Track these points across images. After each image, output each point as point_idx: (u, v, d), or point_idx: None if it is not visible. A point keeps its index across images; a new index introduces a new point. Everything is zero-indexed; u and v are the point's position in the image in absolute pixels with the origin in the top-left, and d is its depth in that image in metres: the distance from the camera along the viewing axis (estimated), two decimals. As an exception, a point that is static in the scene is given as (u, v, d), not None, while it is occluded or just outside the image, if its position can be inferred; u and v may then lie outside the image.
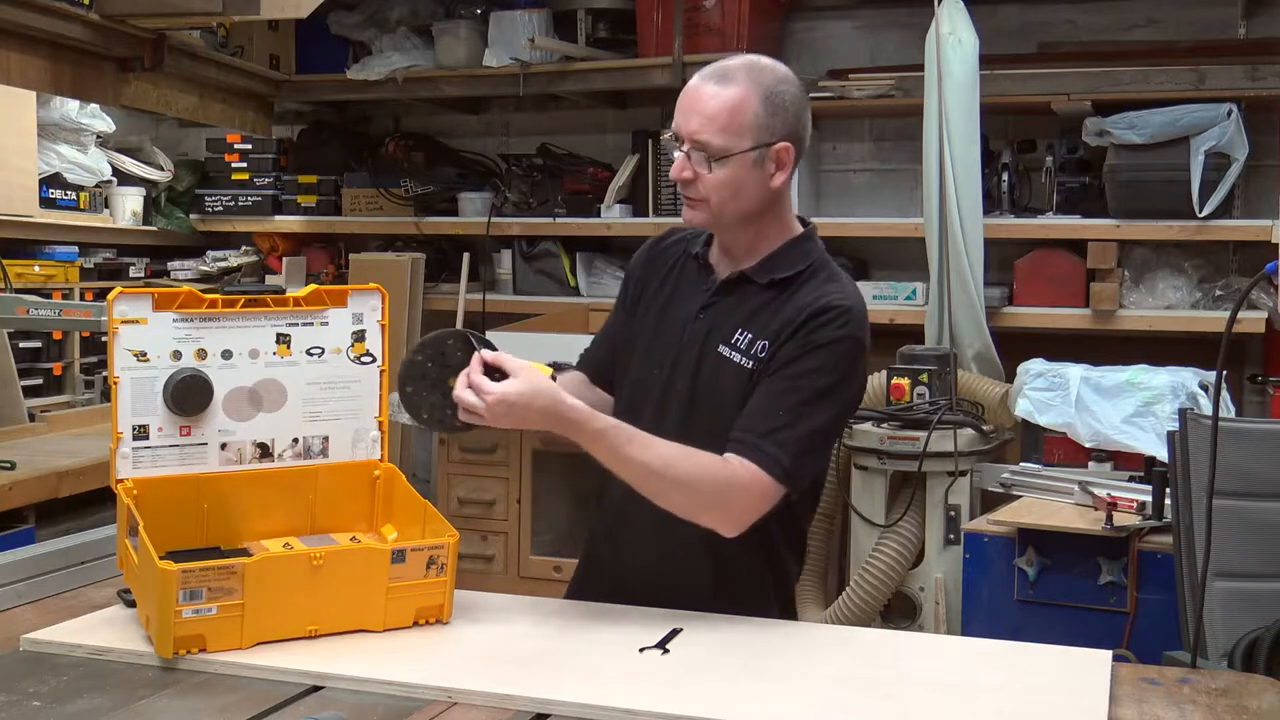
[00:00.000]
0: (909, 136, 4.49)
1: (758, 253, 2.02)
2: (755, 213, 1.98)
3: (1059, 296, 4.23)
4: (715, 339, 1.99)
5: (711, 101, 1.92)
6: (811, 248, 2.05)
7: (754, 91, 1.92)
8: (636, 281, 2.16)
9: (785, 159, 1.96)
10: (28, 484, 3.19)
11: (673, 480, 1.85)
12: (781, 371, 1.91)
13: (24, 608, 1.96)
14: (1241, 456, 2.63)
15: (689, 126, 1.93)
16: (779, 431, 1.87)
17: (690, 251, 2.10)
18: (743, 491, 1.87)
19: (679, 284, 2.09)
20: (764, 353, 1.94)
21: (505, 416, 1.79)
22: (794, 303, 1.95)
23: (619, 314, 2.18)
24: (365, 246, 5.16)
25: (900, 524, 3.66)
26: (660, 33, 4.46)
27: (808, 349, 1.91)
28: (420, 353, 1.88)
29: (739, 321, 1.98)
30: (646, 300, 2.12)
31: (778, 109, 1.94)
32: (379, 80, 4.77)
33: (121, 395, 1.85)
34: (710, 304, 2.02)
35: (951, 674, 1.71)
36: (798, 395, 1.89)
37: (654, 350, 2.06)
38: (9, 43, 3.45)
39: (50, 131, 4.42)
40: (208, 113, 4.52)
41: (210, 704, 1.57)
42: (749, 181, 1.94)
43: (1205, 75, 3.99)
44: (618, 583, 2.06)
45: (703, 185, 1.94)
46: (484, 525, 4.36)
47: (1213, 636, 2.52)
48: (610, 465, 1.87)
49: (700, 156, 1.93)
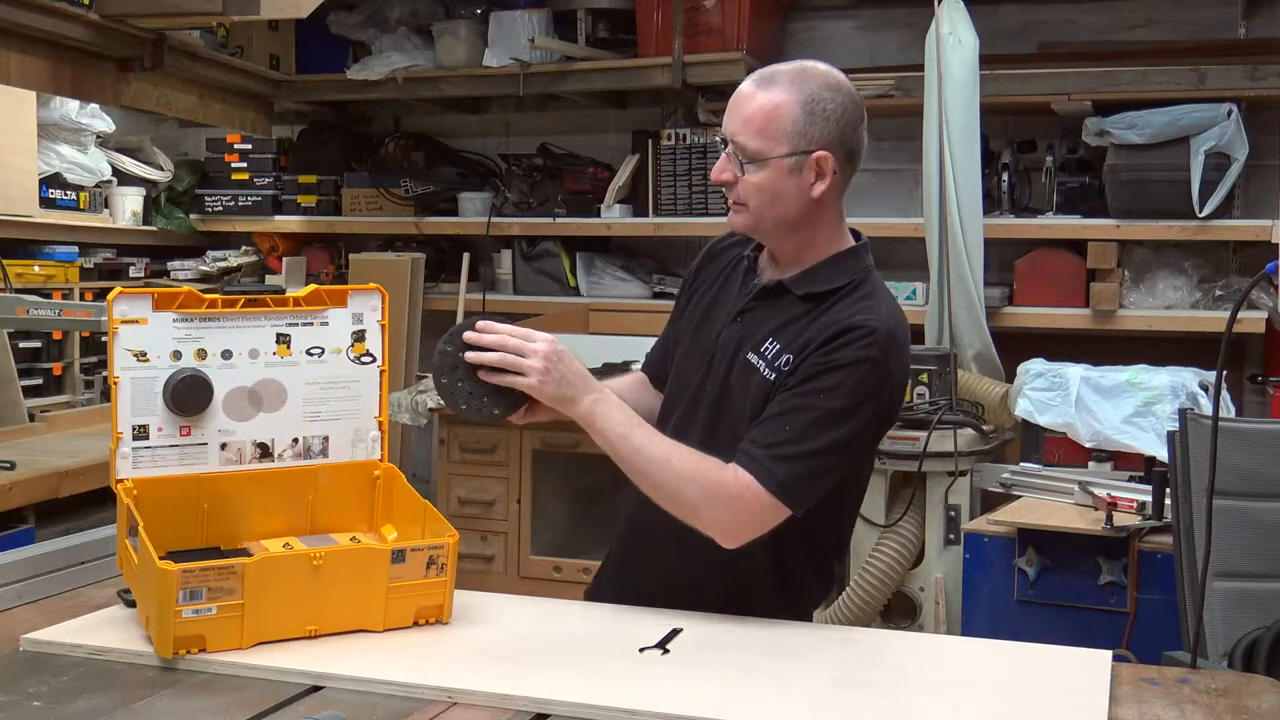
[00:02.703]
0: (909, 136, 4.49)
1: (801, 263, 1.99)
2: (796, 221, 1.95)
3: (1059, 296, 4.23)
4: (747, 345, 1.97)
5: (750, 104, 1.91)
6: (856, 264, 2.01)
7: (794, 98, 1.90)
8: (693, 281, 2.16)
9: (825, 168, 1.92)
10: (28, 484, 3.19)
11: (675, 474, 1.85)
12: (798, 388, 1.88)
13: (24, 608, 1.96)
14: (1241, 456, 2.63)
15: (731, 126, 1.93)
16: (782, 446, 1.84)
17: (744, 253, 2.09)
18: (737, 500, 1.84)
19: (726, 285, 2.08)
20: (787, 366, 1.91)
21: (556, 365, 1.81)
22: (825, 319, 1.92)
23: (676, 314, 2.19)
24: (365, 246, 5.17)
25: (900, 524, 3.66)
26: (660, 33, 4.46)
27: (826, 368, 1.87)
28: (449, 343, 1.87)
29: (771, 330, 1.96)
30: (697, 299, 2.12)
31: (817, 117, 1.90)
32: (379, 80, 4.77)
33: (121, 395, 1.85)
34: (748, 309, 2.01)
35: (951, 674, 1.70)
36: (809, 414, 1.86)
37: (693, 351, 2.06)
38: (9, 43, 3.45)
39: (50, 131, 4.42)
40: (208, 113, 4.52)
41: (210, 704, 1.57)
42: (787, 188, 1.92)
43: (1205, 75, 3.99)
44: (628, 587, 2.06)
45: (741, 188, 1.93)
46: (484, 525, 4.36)
47: (1213, 636, 2.52)
48: (614, 447, 1.87)
49: (740, 159, 1.93)
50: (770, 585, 2.00)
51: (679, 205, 4.62)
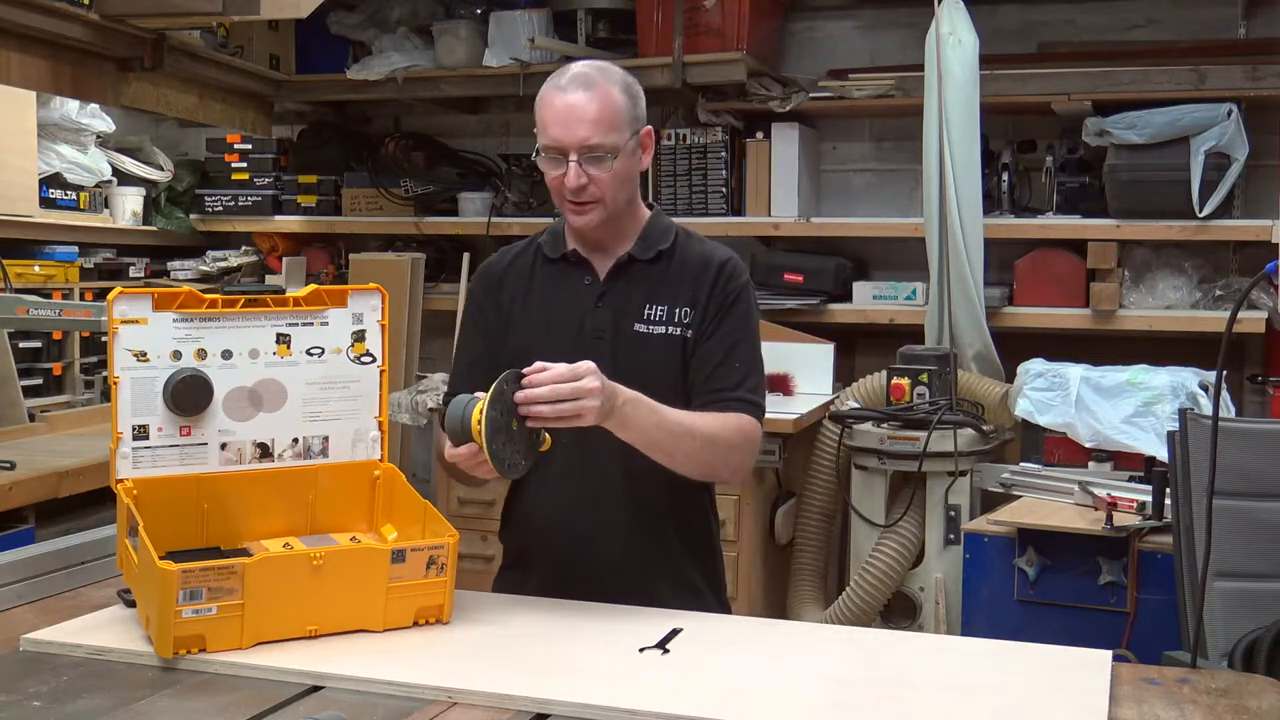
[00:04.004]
0: (909, 136, 4.49)
1: (631, 236, 2.15)
2: (631, 196, 2.14)
3: (1059, 296, 4.24)
4: (626, 321, 2.11)
5: (590, 107, 2.02)
6: (666, 220, 2.21)
7: (615, 89, 2.06)
8: (491, 307, 2.20)
9: (648, 142, 2.13)
10: (28, 484, 3.18)
11: (703, 440, 1.99)
12: (720, 330, 2.09)
13: (24, 608, 1.96)
14: (1241, 456, 2.63)
15: (576, 135, 2.02)
16: (747, 380, 2.08)
17: (543, 257, 2.19)
18: (750, 441, 2.07)
19: (549, 288, 2.17)
20: (688, 319, 2.10)
21: (600, 387, 1.84)
22: (688, 267, 2.13)
23: (482, 342, 2.20)
24: (365, 246, 5.17)
25: (900, 524, 3.66)
26: (660, 33, 4.46)
27: (729, 302, 2.11)
28: (494, 407, 1.80)
29: (643, 299, 2.12)
30: (518, 314, 2.17)
31: (635, 98, 2.10)
32: (379, 80, 4.77)
33: (121, 395, 1.85)
34: (605, 292, 2.13)
35: (951, 674, 1.70)
36: (744, 345, 2.10)
37: (554, 351, 2.04)
38: (9, 43, 3.45)
39: (50, 131, 4.42)
40: (208, 113, 4.52)
41: (210, 704, 1.57)
42: (632, 170, 2.10)
43: (1205, 75, 3.99)
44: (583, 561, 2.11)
45: (597, 187, 2.04)
46: (484, 525, 4.34)
47: (1213, 636, 2.52)
48: (647, 438, 1.94)
49: (592, 160, 2.02)
50: (707, 516, 2.22)
51: (679, 205, 4.62)
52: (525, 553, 2.22)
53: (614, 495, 2.11)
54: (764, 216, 4.55)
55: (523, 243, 2.25)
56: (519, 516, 2.23)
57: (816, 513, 4.01)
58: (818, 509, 4.01)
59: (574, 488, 2.11)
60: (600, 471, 2.09)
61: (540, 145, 2.06)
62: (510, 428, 1.82)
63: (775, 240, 4.64)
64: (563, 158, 2.03)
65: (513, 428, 1.82)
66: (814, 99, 4.46)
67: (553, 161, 2.05)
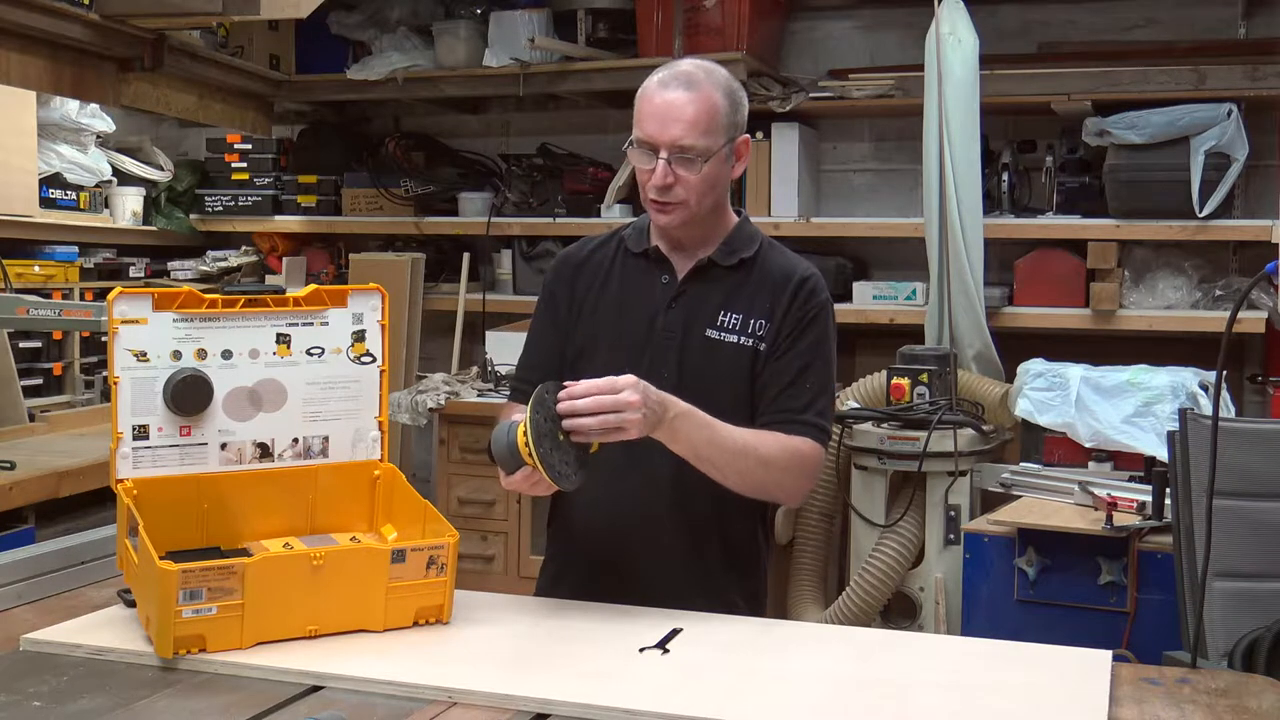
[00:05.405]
0: (909, 136, 4.49)
1: (714, 240, 2.13)
2: (718, 203, 2.11)
3: (1059, 296, 4.23)
4: (698, 325, 2.09)
5: (689, 107, 2.00)
6: (753, 228, 2.20)
7: (718, 93, 2.03)
8: (565, 296, 2.18)
9: (744, 150, 2.10)
10: (28, 484, 3.19)
11: (759, 460, 1.98)
12: (795, 348, 2.07)
13: (24, 608, 1.96)
14: (1241, 456, 2.63)
15: (669, 134, 2.00)
16: (816, 403, 2.06)
17: (626, 250, 2.17)
18: (811, 465, 2.05)
19: (626, 282, 2.15)
20: (762, 330, 2.08)
21: (641, 400, 1.83)
22: (768, 278, 2.11)
23: (552, 329, 2.19)
24: (365, 246, 5.16)
25: (900, 524, 3.66)
26: (660, 33, 4.46)
27: (805, 321, 2.08)
28: (537, 411, 1.80)
29: (718, 304, 2.10)
30: (590, 305, 2.15)
31: (737, 105, 2.07)
32: (379, 80, 4.77)
33: (121, 395, 1.85)
34: (680, 294, 2.11)
35: (951, 674, 1.70)
36: (816, 367, 2.07)
37: (621, 346, 2.09)
38: (9, 43, 3.45)
39: (50, 131, 4.42)
40: (208, 113, 4.52)
41: (210, 704, 1.57)
42: (722, 176, 2.07)
43: (1205, 75, 3.99)
44: (628, 572, 2.09)
45: (683, 188, 2.02)
46: (484, 525, 4.36)
47: (1213, 636, 2.52)
48: (698, 453, 1.94)
49: (682, 161, 2.00)
50: (755, 536, 2.19)
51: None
52: (566, 551, 2.21)
53: (660, 496, 2.08)
54: (764, 216, 4.55)
55: (604, 235, 2.24)
56: (562, 516, 2.22)
57: (816, 513, 4.01)
58: (818, 509, 4.01)
59: (619, 484, 2.07)
60: (649, 474, 2.06)
61: (634, 137, 2.05)
62: (556, 435, 1.81)
63: (775, 240, 4.63)
64: (654, 154, 2.02)
65: (559, 436, 1.81)
66: (814, 99, 4.46)
67: (644, 156, 2.03)
